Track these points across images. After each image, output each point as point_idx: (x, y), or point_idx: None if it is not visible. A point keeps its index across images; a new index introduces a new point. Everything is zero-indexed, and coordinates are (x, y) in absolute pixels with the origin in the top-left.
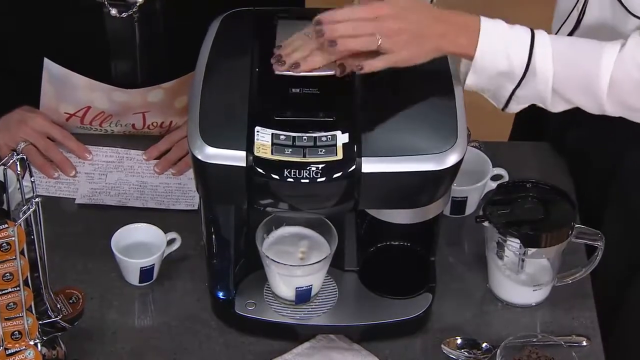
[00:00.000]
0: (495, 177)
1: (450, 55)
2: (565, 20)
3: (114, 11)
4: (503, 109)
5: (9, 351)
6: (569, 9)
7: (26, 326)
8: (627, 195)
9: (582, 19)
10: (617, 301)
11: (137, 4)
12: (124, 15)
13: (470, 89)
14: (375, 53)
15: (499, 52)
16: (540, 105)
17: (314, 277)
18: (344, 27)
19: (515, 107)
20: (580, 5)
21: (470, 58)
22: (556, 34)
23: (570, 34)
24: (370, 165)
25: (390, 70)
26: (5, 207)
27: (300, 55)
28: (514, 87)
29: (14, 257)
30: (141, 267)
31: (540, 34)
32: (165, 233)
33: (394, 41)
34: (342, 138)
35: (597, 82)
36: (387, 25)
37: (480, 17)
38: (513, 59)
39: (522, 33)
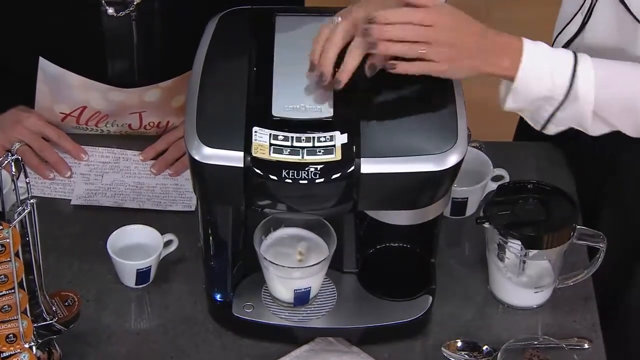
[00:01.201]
0: (496, 178)
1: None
2: (569, 23)
3: (110, 10)
4: (540, 130)
5: (4, 354)
6: (573, 12)
7: (21, 329)
8: (622, 195)
9: (587, 21)
10: (616, 301)
11: (135, 3)
12: (121, 14)
13: (509, 110)
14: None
15: (542, 76)
16: (579, 128)
17: (313, 279)
18: (393, 31)
19: (553, 129)
20: (585, 9)
21: (512, 79)
22: (559, 34)
23: (574, 37)
24: (369, 166)
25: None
26: None
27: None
28: (553, 109)
29: (9, 259)
30: (137, 269)
31: (583, 58)
32: (162, 234)
33: (438, 51)
34: (341, 138)
35: (638, 105)
36: (438, 35)
37: (523, 39)
38: (555, 83)
39: (564, 56)
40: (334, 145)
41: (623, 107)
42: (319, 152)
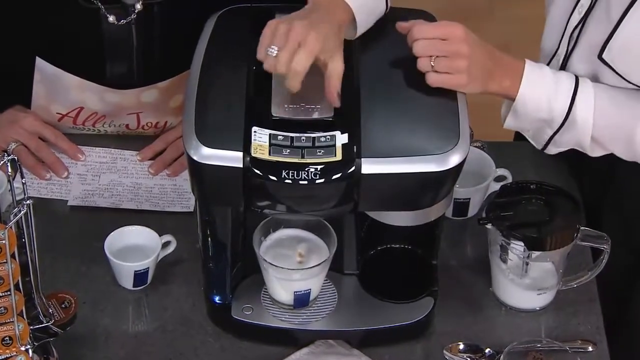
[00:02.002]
0: (498, 178)
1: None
2: (549, 63)
3: (111, 18)
4: (542, 150)
5: (0, 357)
6: (550, 53)
7: (17, 332)
8: (623, 197)
9: (564, 69)
10: (621, 304)
11: (136, 12)
12: (123, 22)
13: (509, 128)
14: None
15: (540, 99)
16: (579, 149)
17: (313, 281)
18: (416, 47)
19: (554, 150)
20: (560, 59)
21: (512, 99)
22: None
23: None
24: (370, 166)
25: (390, 69)
26: None
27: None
28: (552, 132)
29: (5, 260)
30: (135, 271)
31: (584, 84)
32: (160, 236)
33: (453, 65)
34: (342, 138)
35: (635, 136)
36: (455, 48)
37: (526, 61)
38: (553, 107)
39: (565, 81)
40: (335, 146)
41: (620, 136)
42: (319, 152)
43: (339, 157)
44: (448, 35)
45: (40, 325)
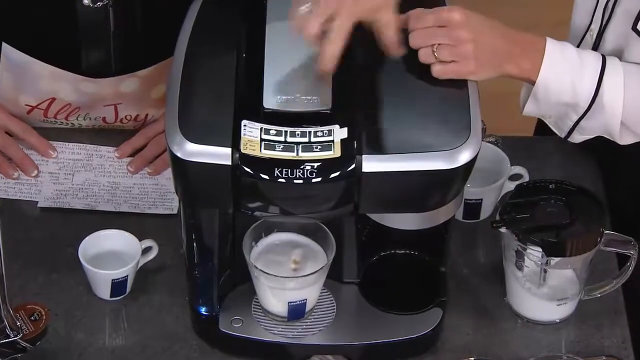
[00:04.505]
0: (513, 177)
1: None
2: (580, 42)
3: (86, 0)
4: (565, 138)
5: None
6: (582, 29)
7: None
8: None
9: (597, 47)
10: None
11: None
12: (99, 4)
13: (529, 115)
14: None
15: (563, 81)
16: (608, 137)
17: (309, 290)
18: (413, 38)
19: (579, 138)
20: (594, 34)
21: (533, 83)
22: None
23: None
24: (371, 164)
25: (394, 57)
26: None
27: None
28: (578, 118)
29: None
30: (113, 280)
31: (612, 63)
32: (140, 240)
33: (458, 52)
34: (340, 133)
35: None
36: (455, 33)
37: (547, 39)
38: (578, 90)
39: (591, 61)
40: (333, 141)
41: None
42: (316, 148)
43: (337, 153)
44: (446, 20)
45: (7, 340)
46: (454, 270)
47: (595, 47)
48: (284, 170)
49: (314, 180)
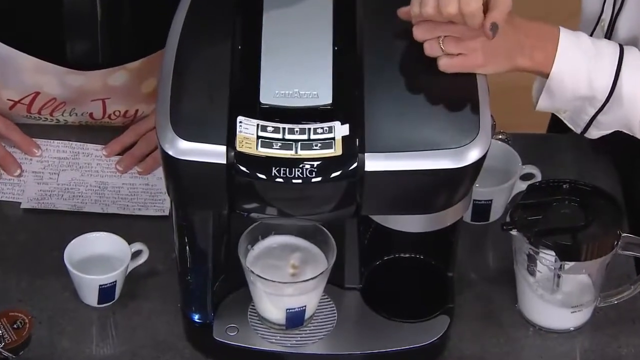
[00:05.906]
0: (525, 177)
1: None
2: (592, 33)
3: None
4: (581, 134)
5: None
6: (593, 19)
7: None
8: None
9: (610, 37)
10: None
11: None
12: None
13: (542, 110)
14: None
15: (579, 72)
16: (627, 132)
17: (308, 297)
18: (418, 30)
19: (596, 133)
20: (605, 24)
21: (546, 76)
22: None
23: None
24: (374, 163)
25: (399, 51)
26: None
27: None
28: (595, 112)
29: None
30: (100, 285)
31: (630, 53)
32: (129, 244)
33: (464, 44)
34: (342, 130)
35: None
36: (460, 27)
37: (560, 28)
38: (595, 82)
39: (608, 51)
40: (334, 138)
41: None
42: (316, 146)
43: (338, 151)
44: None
45: None
46: (462, 275)
47: (608, 38)
48: (282, 169)
49: (313, 180)
